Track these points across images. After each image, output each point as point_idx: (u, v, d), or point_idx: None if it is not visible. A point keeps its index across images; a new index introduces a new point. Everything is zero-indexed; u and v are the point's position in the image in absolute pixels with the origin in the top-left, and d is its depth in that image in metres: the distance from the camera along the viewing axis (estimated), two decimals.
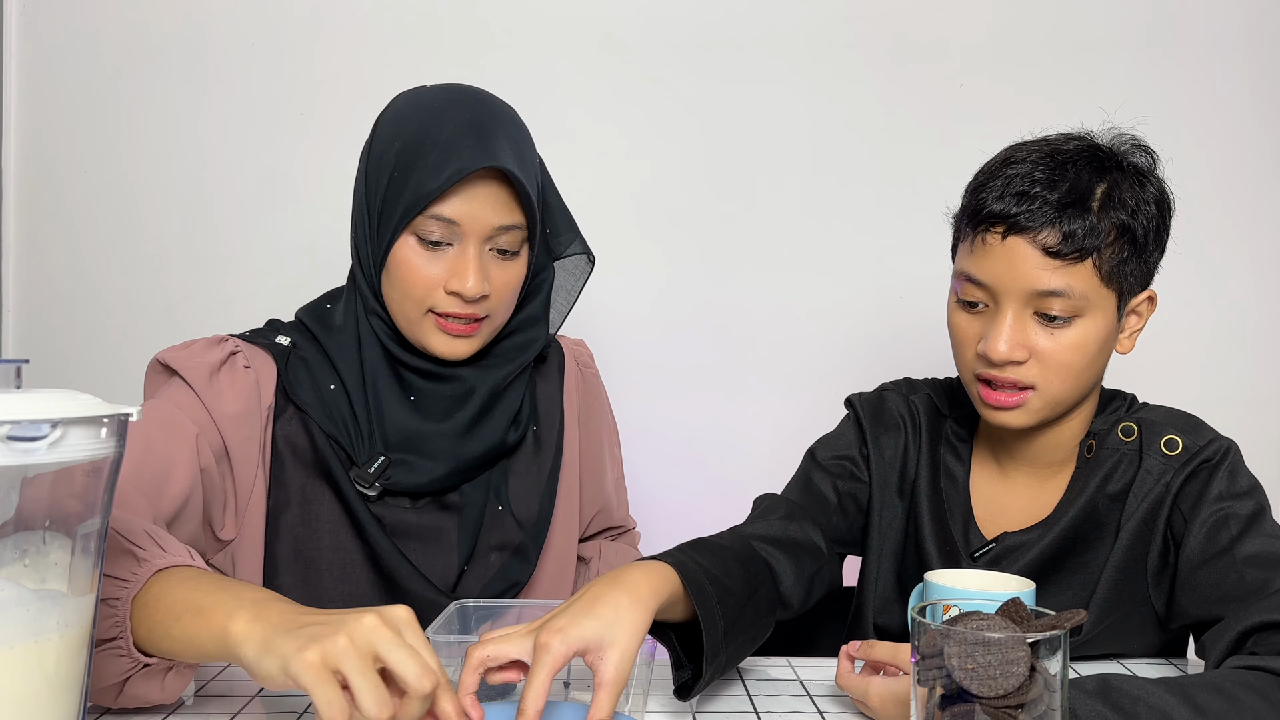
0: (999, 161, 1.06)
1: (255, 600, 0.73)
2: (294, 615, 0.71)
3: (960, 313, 1.07)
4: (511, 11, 1.83)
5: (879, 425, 1.20)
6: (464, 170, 1.05)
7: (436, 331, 1.11)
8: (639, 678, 0.88)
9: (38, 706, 0.62)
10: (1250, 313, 1.89)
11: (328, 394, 1.13)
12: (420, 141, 1.08)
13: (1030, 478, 1.14)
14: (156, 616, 0.77)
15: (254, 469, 1.10)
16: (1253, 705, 0.79)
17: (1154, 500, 1.05)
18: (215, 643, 0.72)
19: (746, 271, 1.87)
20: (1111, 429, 1.10)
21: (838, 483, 1.18)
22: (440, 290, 1.09)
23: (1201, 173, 1.83)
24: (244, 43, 1.83)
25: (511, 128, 1.12)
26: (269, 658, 0.68)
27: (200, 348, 1.12)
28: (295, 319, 1.21)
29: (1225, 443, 1.06)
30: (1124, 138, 1.06)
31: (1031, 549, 1.09)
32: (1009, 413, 1.04)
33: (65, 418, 0.60)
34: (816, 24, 1.85)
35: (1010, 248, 1.00)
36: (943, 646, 0.65)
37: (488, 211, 1.08)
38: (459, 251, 1.09)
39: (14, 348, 1.83)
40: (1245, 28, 1.87)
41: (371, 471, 1.11)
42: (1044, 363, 1.02)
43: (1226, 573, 0.97)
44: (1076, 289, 0.99)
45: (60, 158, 1.84)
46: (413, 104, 1.13)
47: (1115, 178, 1.02)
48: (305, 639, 0.67)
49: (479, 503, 1.17)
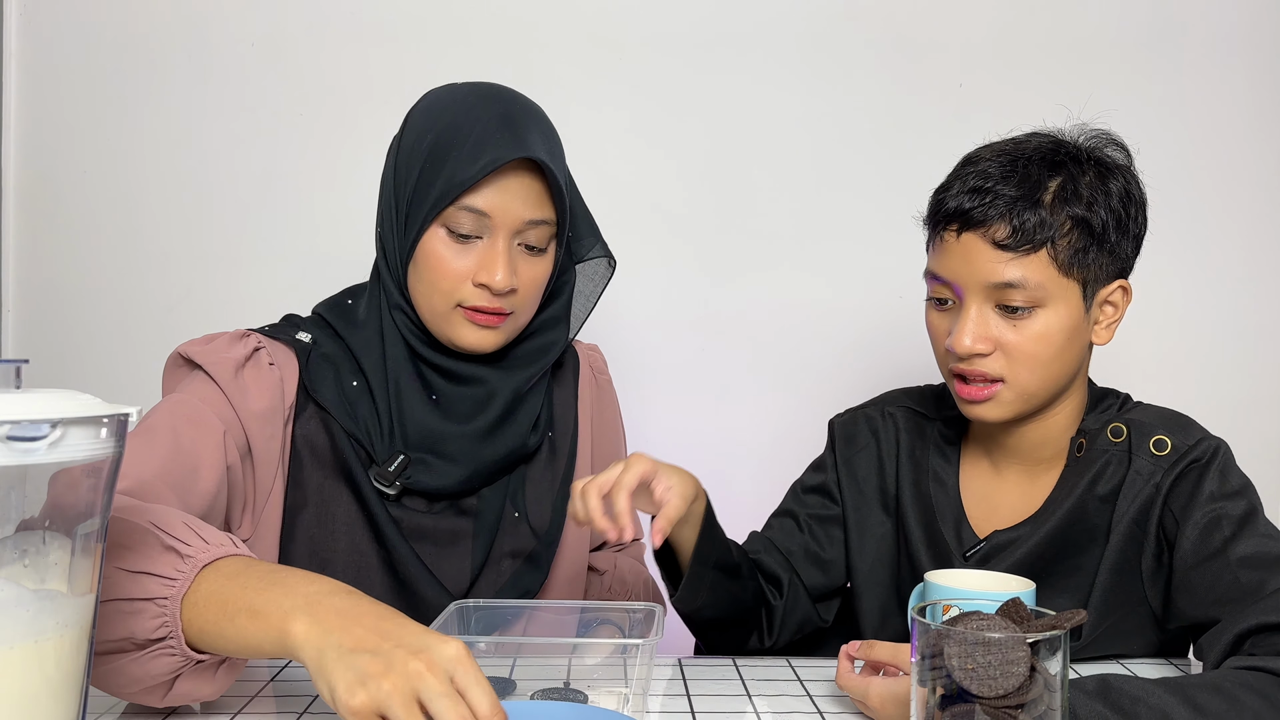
0: (961, 163, 1.10)
1: (309, 597, 0.74)
2: (349, 626, 0.71)
3: (933, 311, 1.11)
4: (512, 12, 1.83)
5: (850, 447, 1.25)
6: (499, 160, 1.05)
7: (465, 323, 1.10)
8: (639, 678, 0.88)
9: (37, 706, 0.62)
10: (1248, 311, 1.89)
11: (349, 391, 1.13)
12: (453, 132, 1.08)
13: (1021, 474, 1.14)
14: (209, 616, 0.76)
15: (274, 468, 1.09)
16: (1253, 705, 0.79)
17: (1144, 501, 1.06)
18: (274, 644, 0.73)
19: (744, 272, 1.87)
20: (1102, 428, 1.10)
21: (814, 526, 1.23)
22: (468, 283, 1.09)
23: (1199, 171, 1.83)
24: (244, 43, 1.83)
25: (543, 123, 1.13)
26: (320, 680, 0.70)
27: (224, 343, 1.10)
28: (314, 314, 1.20)
29: (1215, 442, 1.06)
30: (1094, 133, 1.09)
31: (1022, 546, 1.09)
32: (982, 405, 1.07)
33: (65, 418, 0.60)
34: (816, 24, 1.85)
35: (965, 244, 1.04)
36: (943, 646, 0.65)
37: (519, 204, 1.08)
38: (488, 244, 1.09)
39: (14, 348, 1.83)
40: (1245, 27, 1.87)
41: (392, 470, 1.11)
42: (1010, 354, 1.04)
43: (1221, 574, 0.97)
44: (1032, 279, 1.02)
45: (60, 157, 1.84)
46: (445, 99, 1.13)
47: (1072, 171, 1.05)
48: (355, 677, 0.68)
49: (496, 508, 1.16)
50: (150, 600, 0.76)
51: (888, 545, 1.20)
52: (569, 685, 0.92)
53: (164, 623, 0.76)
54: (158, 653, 0.77)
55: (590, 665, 0.94)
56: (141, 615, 0.76)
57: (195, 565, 0.78)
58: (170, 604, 0.76)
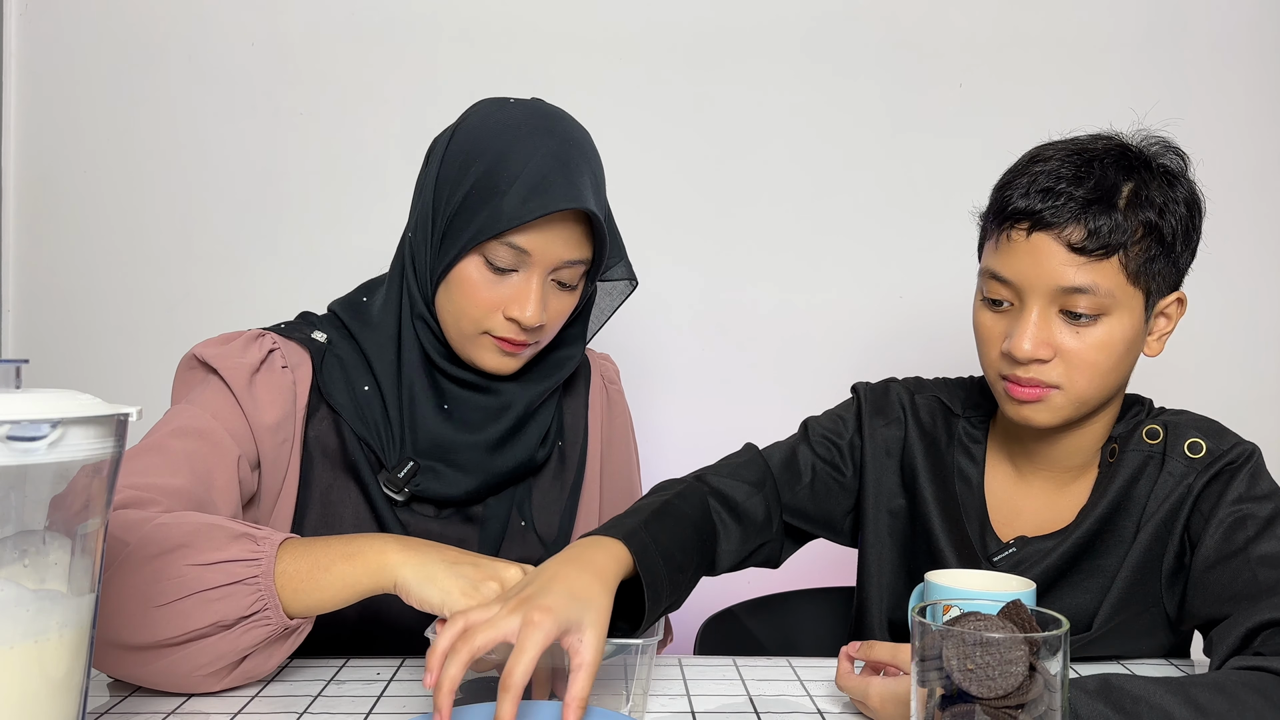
0: (1026, 160, 1.05)
1: (393, 537, 0.91)
2: (440, 550, 0.89)
3: (985, 311, 1.07)
4: (512, 12, 1.83)
5: (879, 416, 1.20)
6: (549, 208, 1.04)
7: (490, 349, 1.10)
8: (639, 678, 0.88)
9: (37, 706, 0.62)
10: (1261, 313, 1.88)
11: (361, 395, 1.12)
12: (504, 166, 1.06)
13: (1048, 482, 1.13)
14: (301, 576, 0.87)
15: (283, 472, 1.10)
16: (1255, 706, 0.78)
17: (1175, 502, 1.05)
18: (371, 576, 0.87)
19: (746, 272, 1.86)
20: (1133, 432, 1.10)
21: (818, 464, 1.19)
22: (499, 314, 1.08)
23: (1199, 171, 1.82)
24: (244, 43, 1.83)
25: (593, 161, 1.11)
26: (431, 587, 0.86)
27: (239, 345, 1.10)
28: (329, 312, 1.20)
29: (1248, 446, 1.06)
30: (1154, 139, 1.06)
31: (1051, 555, 1.08)
32: (1032, 407, 1.03)
33: (65, 418, 0.60)
34: (816, 24, 1.85)
35: (1035, 244, 1.00)
36: (943, 647, 0.65)
37: (560, 246, 1.07)
38: (523, 279, 1.08)
39: (14, 348, 1.83)
40: (1245, 27, 1.87)
41: (401, 476, 1.11)
42: (1069, 362, 1.01)
43: (1240, 572, 0.96)
44: (1102, 286, 0.99)
45: (60, 158, 1.84)
46: (498, 122, 1.10)
47: (1144, 177, 1.02)
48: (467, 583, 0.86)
49: (502, 516, 1.17)
50: (238, 583, 0.85)
51: (901, 525, 1.18)
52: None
53: (259, 597, 0.86)
54: (249, 627, 0.86)
55: None
56: (231, 598, 0.85)
57: (273, 544, 0.88)
58: (263, 579, 0.86)
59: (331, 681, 0.96)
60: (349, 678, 0.97)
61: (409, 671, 0.99)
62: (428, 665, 0.78)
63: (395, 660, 1.03)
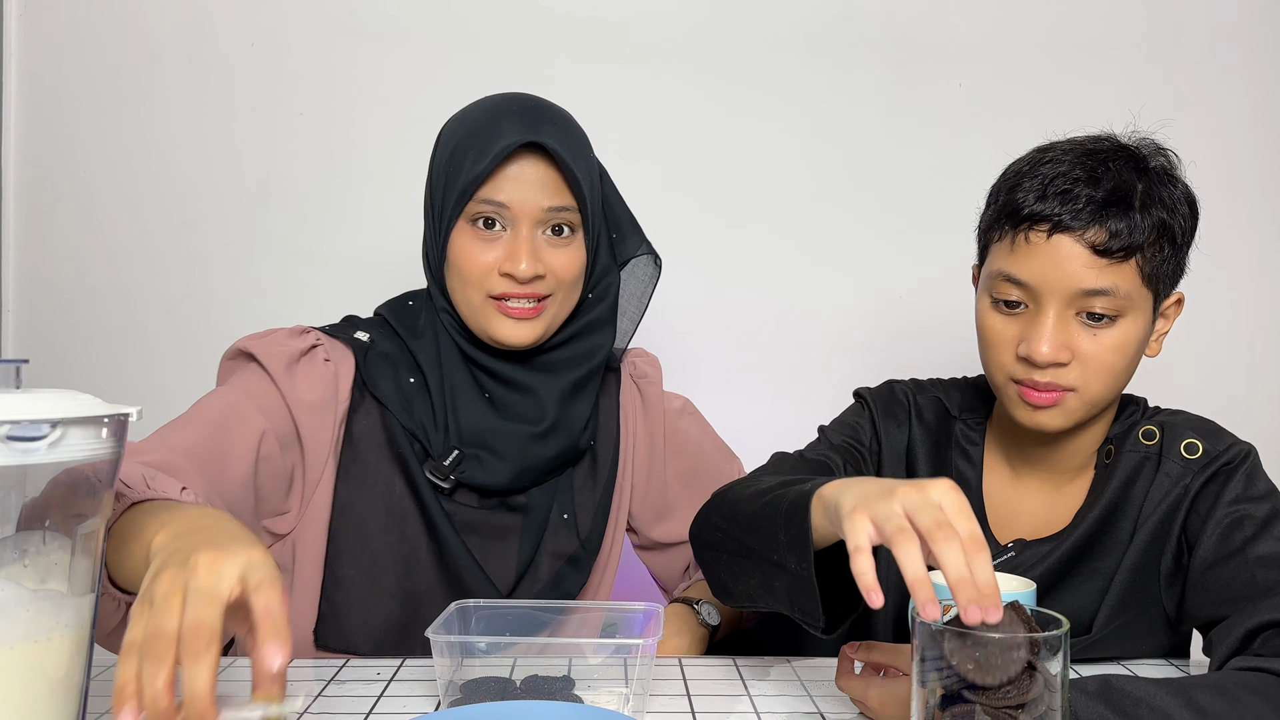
0: (1031, 159, 1.04)
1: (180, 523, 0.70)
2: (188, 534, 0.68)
3: (995, 314, 1.04)
4: (512, 12, 1.83)
5: (889, 418, 1.20)
6: (507, 147, 1.08)
7: (499, 317, 1.13)
8: (639, 678, 0.88)
9: (37, 706, 0.62)
10: (1260, 314, 1.88)
11: (406, 388, 1.16)
12: (472, 136, 1.12)
13: (1045, 484, 1.13)
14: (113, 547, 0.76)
15: (324, 460, 1.12)
16: (1255, 707, 0.78)
17: (1171, 503, 1.05)
18: (140, 561, 0.69)
19: (745, 272, 1.86)
20: (1129, 433, 1.10)
21: (849, 470, 1.17)
22: (495, 274, 1.11)
23: (1198, 171, 1.81)
24: (244, 43, 1.83)
25: (560, 119, 1.16)
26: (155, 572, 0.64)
27: (282, 336, 1.15)
28: (376, 314, 1.23)
29: (1245, 447, 1.06)
30: (1146, 141, 1.06)
31: (1049, 557, 1.08)
32: (1046, 412, 1.02)
33: (65, 418, 0.60)
34: (816, 24, 1.85)
35: (1055, 246, 0.99)
36: (943, 647, 0.65)
37: (535, 193, 1.11)
38: (512, 235, 1.12)
39: (14, 348, 1.83)
40: (1245, 27, 1.86)
41: (447, 464, 1.14)
42: (1086, 364, 1.00)
43: (1238, 573, 0.96)
44: (1121, 288, 0.98)
45: (60, 157, 1.83)
46: (471, 109, 1.17)
47: (1150, 178, 1.02)
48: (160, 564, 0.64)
49: (544, 507, 1.19)
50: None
51: None
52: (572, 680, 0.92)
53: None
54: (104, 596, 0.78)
55: (590, 665, 0.94)
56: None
57: (125, 504, 0.78)
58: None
59: (332, 681, 0.96)
60: (349, 677, 0.97)
61: (409, 671, 0.99)
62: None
63: (395, 660, 1.03)
